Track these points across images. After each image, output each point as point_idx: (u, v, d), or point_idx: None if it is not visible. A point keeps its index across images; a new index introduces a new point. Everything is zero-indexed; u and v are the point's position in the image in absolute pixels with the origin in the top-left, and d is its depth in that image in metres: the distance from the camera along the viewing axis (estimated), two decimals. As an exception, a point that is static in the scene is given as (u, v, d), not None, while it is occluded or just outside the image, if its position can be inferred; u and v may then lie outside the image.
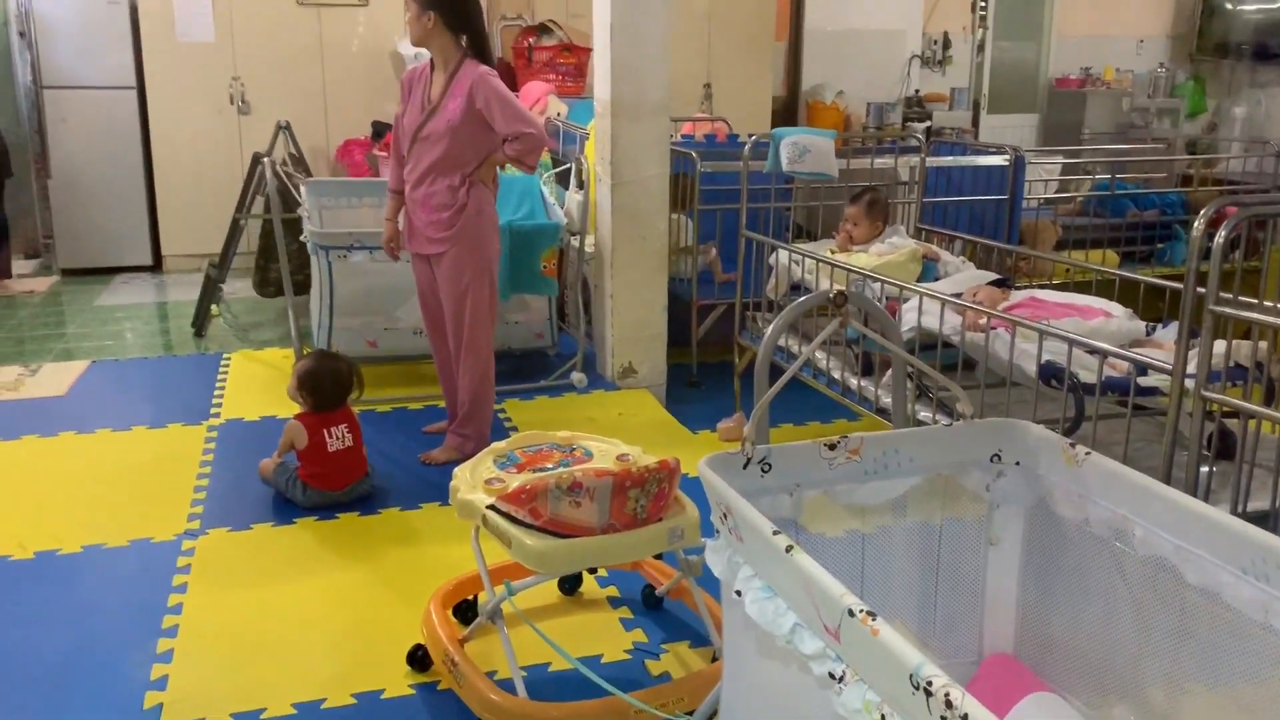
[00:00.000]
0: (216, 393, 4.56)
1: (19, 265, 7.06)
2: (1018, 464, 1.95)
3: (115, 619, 2.75)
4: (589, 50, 5.17)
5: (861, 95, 8.90)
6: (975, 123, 9.40)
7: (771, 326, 2.11)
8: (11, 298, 6.37)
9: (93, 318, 5.96)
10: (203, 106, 6.89)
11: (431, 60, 3.60)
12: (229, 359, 5.07)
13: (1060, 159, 6.71)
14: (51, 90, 6.80)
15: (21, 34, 7.14)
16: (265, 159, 4.75)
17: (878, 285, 3.42)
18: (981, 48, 9.44)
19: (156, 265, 7.16)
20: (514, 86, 6.39)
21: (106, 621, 2.74)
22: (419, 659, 2.51)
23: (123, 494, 3.52)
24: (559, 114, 5.89)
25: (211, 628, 2.71)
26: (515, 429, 4.12)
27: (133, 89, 6.89)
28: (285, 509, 3.41)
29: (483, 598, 2.58)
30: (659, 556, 2.77)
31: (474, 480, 2.37)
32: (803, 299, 2.10)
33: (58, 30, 6.72)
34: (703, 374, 4.90)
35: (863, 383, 3.50)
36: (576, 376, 4.62)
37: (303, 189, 4.44)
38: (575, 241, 4.63)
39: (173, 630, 2.68)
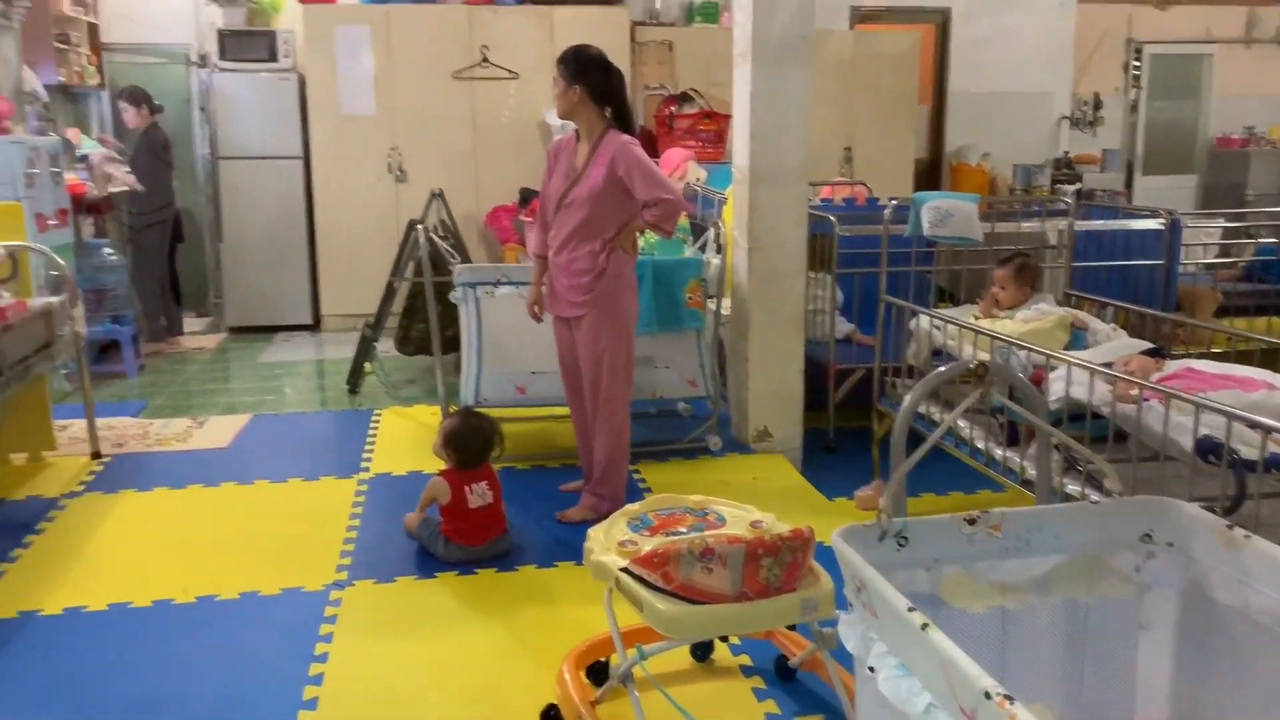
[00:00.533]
0: (367, 448, 4.75)
1: (191, 323, 7.55)
2: (1170, 545, 1.86)
3: (266, 665, 2.87)
4: (729, 117, 5.26)
5: (1008, 157, 8.74)
6: (1129, 185, 9.11)
7: (909, 396, 2.09)
8: (183, 354, 6.80)
9: (256, 373, 6.31)
10: (363, 175, 7.27)
11: (577, 130, 3.73)
12: (380, 415, 5.28)
13: (1221, 222, 6.42)
14: (226, 161, 7.32)
15: (202, 109, 7.72)
16: (419, 225, 4.98)
17: (1023, 353, 3.34)
18: (1135, 108, 9.16)
19: (316, 324, 7.55)
20: (655, 153, 6.53)
21: (258, 667, 2.86)
22: (552, 718, 2.54)
23: (278, 544, 3.69)
24: (698, 179, 5.98)
25: (355, 678, 2.80)
26: (649, 490, 4.15)
27: (299, 159, 7.35)
28: (428, 563, 3.51)
29: (615, 660, 2.59)
30: (792, 627, 2.74)
31: (607, 542, 2.41)
32: (942, 369, 2.07)
33: (234, 105, 7.24)
34: (840, 439, 4.84)
35: (1007, 453, 3.40)
36: (711, 439, 4.63)
37: (455, 265, 4.63)
38: (711, 305, 4.66)
39: (318, 679, 2.79)
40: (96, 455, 4.57)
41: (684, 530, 2.45)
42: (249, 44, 7.25)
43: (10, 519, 3.89)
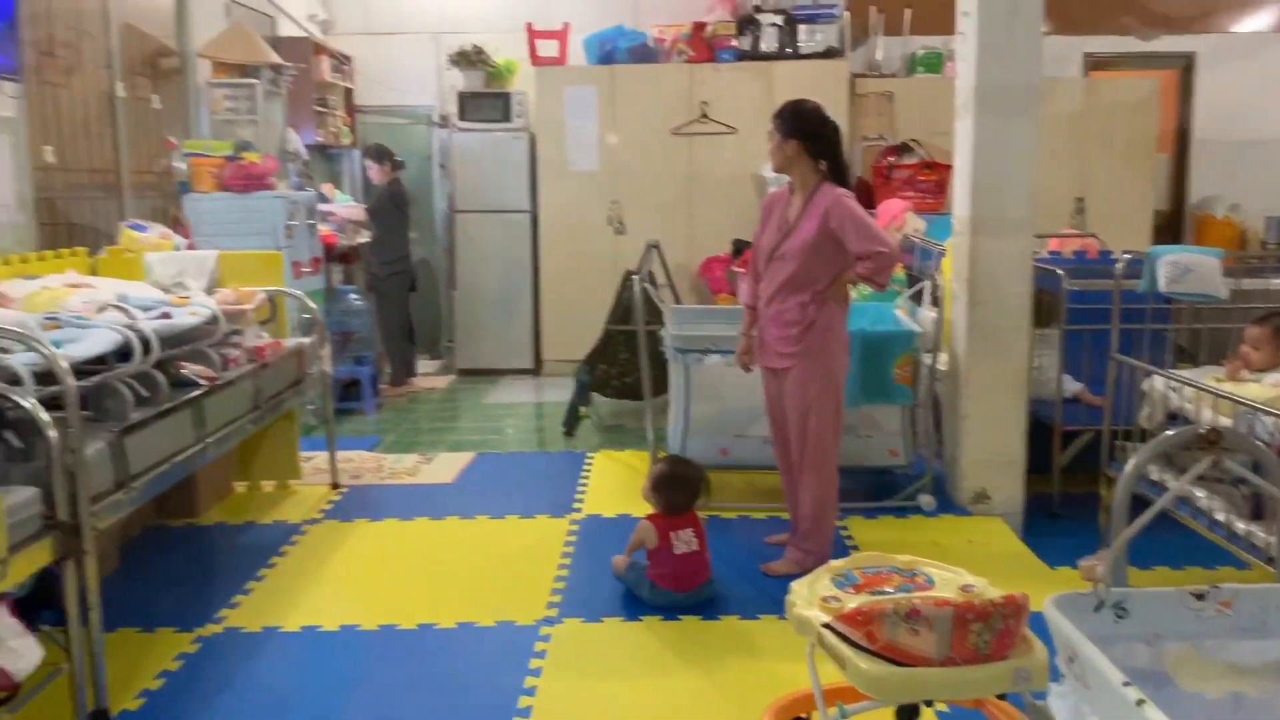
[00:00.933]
0: (579, 489, 4.89)
1: (424, 365, 8.03)
2: None
3: (477, 695, 3.00)
4: (950, 167, 5.15)
5: (1260, 209, 8.13)
6: (1407, 237, 8.25)
7: (1133, 459, 1.98)
8: (416, 394, 7.24)
9: (481, 414, 6.64)
10: (585, 227, 7.56)
11: (791, 183, 3.76)
12: (592, 458, 5.44)
13: None
14: (462, 214, 7.79)
15: (442, 166, 8.27)
16: (634, 276, 5.13)
17: (1270, 420, 3.08)
18: None
19: (537, 369, 7.88)
20: (871, 204, 6.47)
21: (470, 697, 2.99)
22: (749, 771, 2.52)
23: (494, 577, 3.85)
24: (916, 230, 5.88)
25: (560, 715, 2.87)
26: (856, 548, 4.07)
27: (527, 212, 7.73)
28: (634, 605, 3.57)
29: (815, 718, 2.55)
30: (1003, 696, 2.61)
31: (811, 596, 2.38)
32: (1170, 433, 1.95)
33: (470, 162, 7.72)
34: (1066, 505, 4.58)
35: (1250, 527, 3.13)
36: (924, 499, 4.50)
37: (667, 313, 4.77)
38: (927, 359, 4.55)
39: (526, 711, 2.88)
40: (335, 486, 4.93)
41: (890, 590, 2.40)
42: (486, 105, 7.72)
43: (259, 541, 4.25)
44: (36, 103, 4.55)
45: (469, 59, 7.83)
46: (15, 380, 2.75)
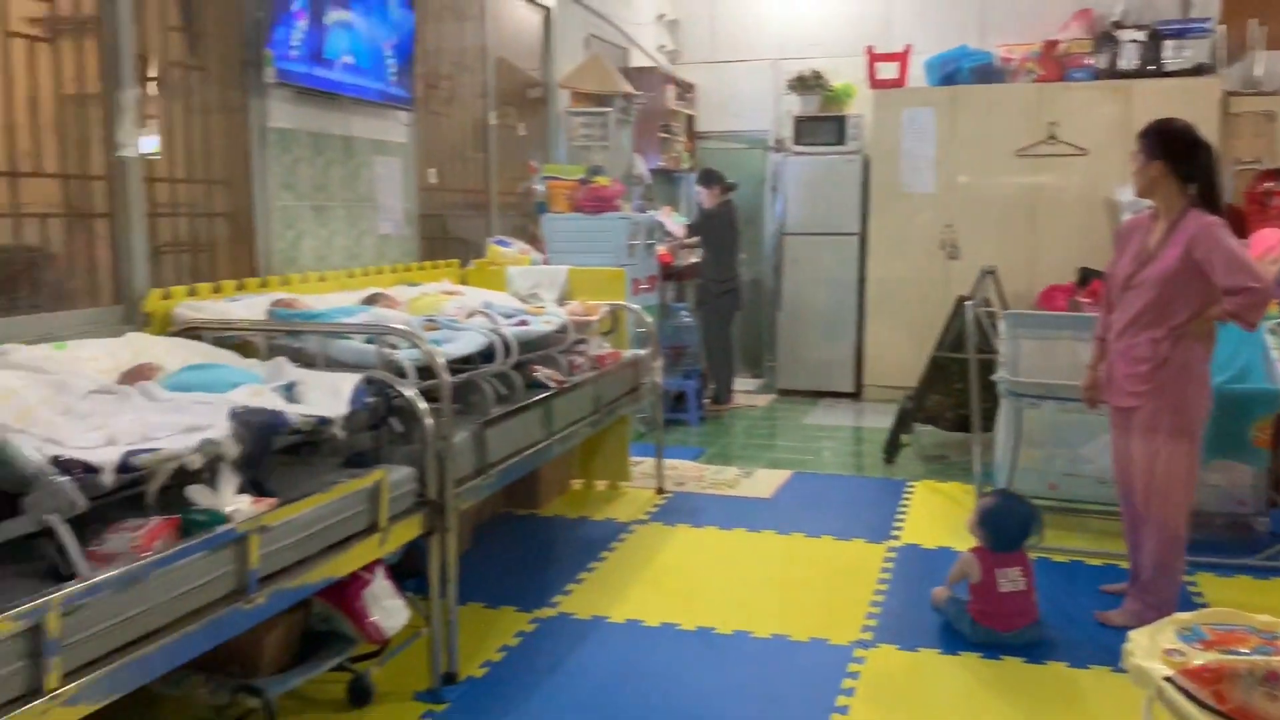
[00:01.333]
0: (898, 517, 4.82)
1: (745, 383, 8.21)
2: None
3: (789, 709, 3.03)
4: (1342, 195, 4.61)
5: None
6: None
7: None
8: (736, 409, 7.42)
9: (799, 434, 6.70)
10: (916, 251, 7.43)
11: (1154, 208, 3.52)
12: (913, 487, 5.34)
13: None
14: (790, 236, 7.92)
15: (774, 189, 8.43)
16: (967, 303, 4.99)
17: None
18: None
19: (857, 393, 7.83)
20: (1243, 233, 5.89)
21: (782, 710, 3.03)
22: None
23: (808, 594, 3.89)
24: (1297, 263, 5.29)
25: (871, 736, 2.87)
26: (1205, 605, 3.72)
27: (855, 235, 7.72)
28: (952, 639, 3.49)
29: (1150, 778, 2.39)
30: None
31: (1152, 648, 2.25)
32: None
33: (801, 185, 7.83)
34: None
35: None
36: (1292, 560, 4.05)
37: (1001, 321, 4.63)
38: (1301, 407, 4.10)
39: (837, 729, 2.90)
40: (660, 490, 5.17)
41: (1245, 651, 2.21)
42: (821, 129, 7.81)
43: (591, 535, 4.55)
44: (423, 130, 5.14)
45: (806, 83, 7.94)
46: (400, 373, 3.14)
